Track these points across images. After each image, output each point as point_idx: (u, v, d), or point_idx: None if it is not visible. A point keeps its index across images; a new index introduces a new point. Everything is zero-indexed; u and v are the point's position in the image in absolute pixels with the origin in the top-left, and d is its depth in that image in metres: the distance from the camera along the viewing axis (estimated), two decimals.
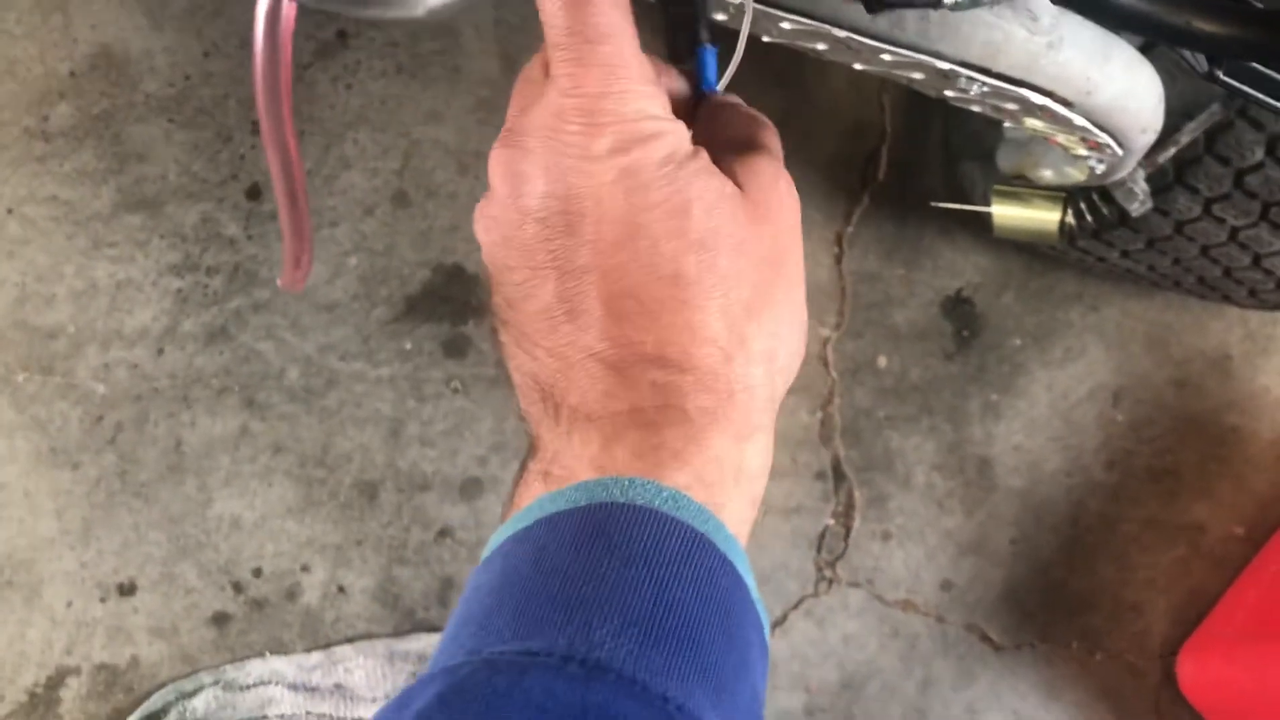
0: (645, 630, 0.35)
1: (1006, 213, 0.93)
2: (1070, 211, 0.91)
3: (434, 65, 1.22)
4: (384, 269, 1.20)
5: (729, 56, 0.48)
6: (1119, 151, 0.67)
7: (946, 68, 0.53)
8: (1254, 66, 0.51)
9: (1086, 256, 1.02)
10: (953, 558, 1.20)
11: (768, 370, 0.43)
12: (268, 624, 1.17)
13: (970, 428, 1.21)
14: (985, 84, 0.55)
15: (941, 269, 1.22)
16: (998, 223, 0.93)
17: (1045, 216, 0.92)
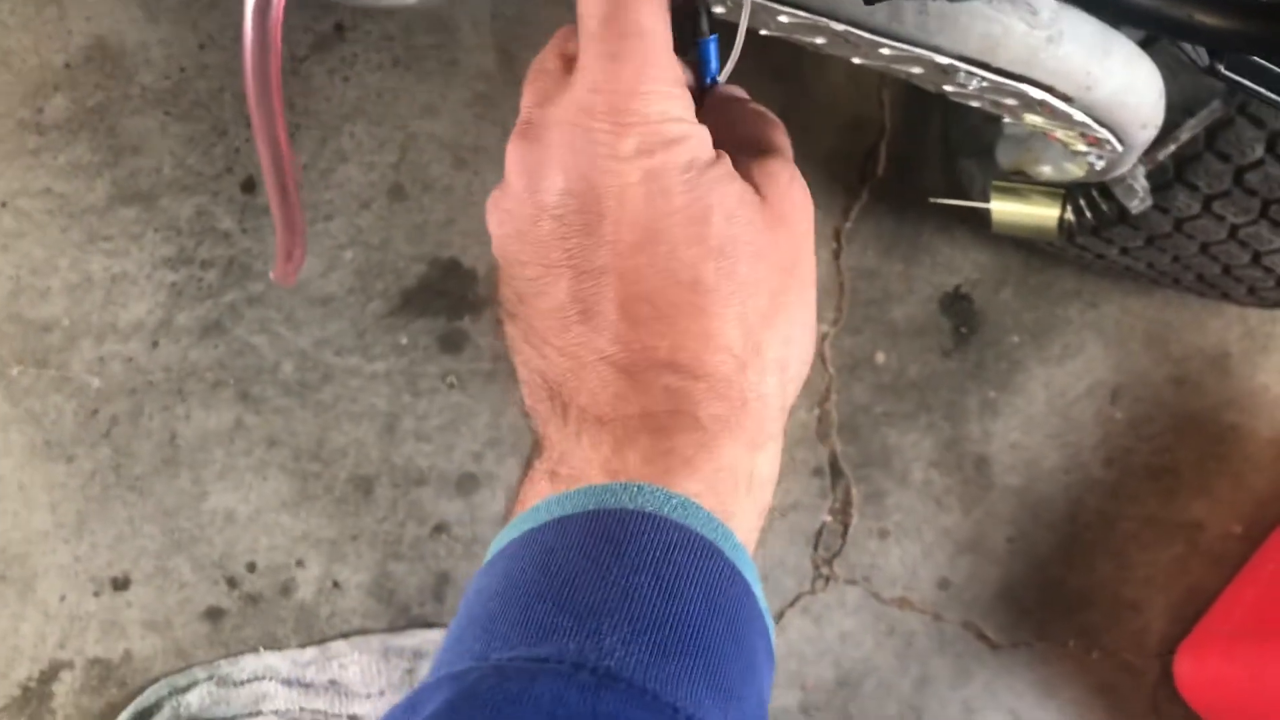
0: (654, 639, 0.35)
1: (1005, 209, 0.92)
2: (1069, 208, 0.91)
3: (430, 59, 1.22)
4: (380, 263, 1.20)
5: (727, 50, 0.47)
6: (1119, 147, 0.67)
7: (945, 62, 0.53)
8: (1255, 60, 0.51)
9: (1085, 253, 1.02)
10: (950, 555, 1.19)
11: (780, 379, 0.43)
12: (262, 619, 1.17)
13: (968, 425, 1.20)
14: (984, 78, 0.55)
15: (940, 265, 1.21)
16: (996, 219, 0.93)
17: (1044, 213, 0.92)
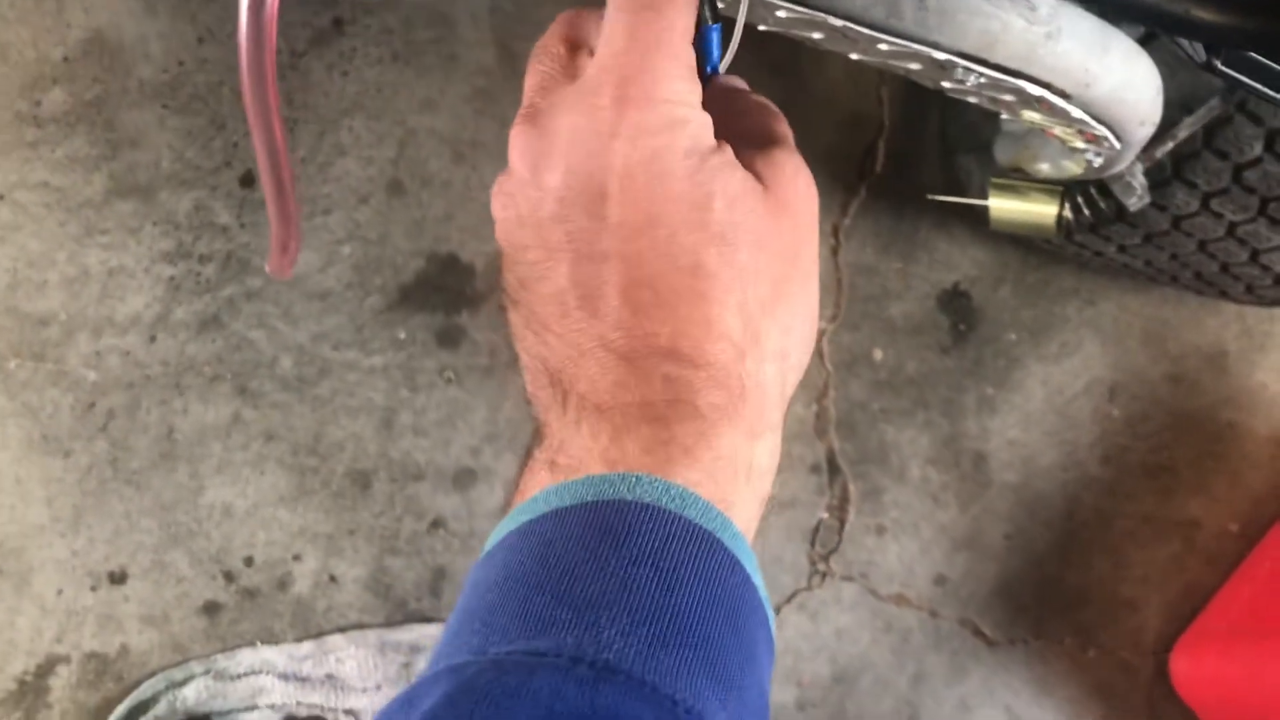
0: (654, 631, 0.35)
1: (1003, 206, 0.92)
2: (1067, 205, 0.91)
3: (430, 53, 1.22)
4: (378, 258, 1.20)
5: (726, 41, 0.47)
6: (1117, 145, 0.67)
7: (943, 58, 0.53)
8: (1252, 56, 0.51)
9: (1083, 251, 1.02)
10: (947, 552, 1.19)
11: (780, 368, 0.43)
12: (259, 613, 1.16)
13: (966, 422, 1.20)
14: (982, 74, 0.55)
15: (938, 262, 1.21)
16: (994, 216, 0.93)
17: (1042, 210, 0.92)
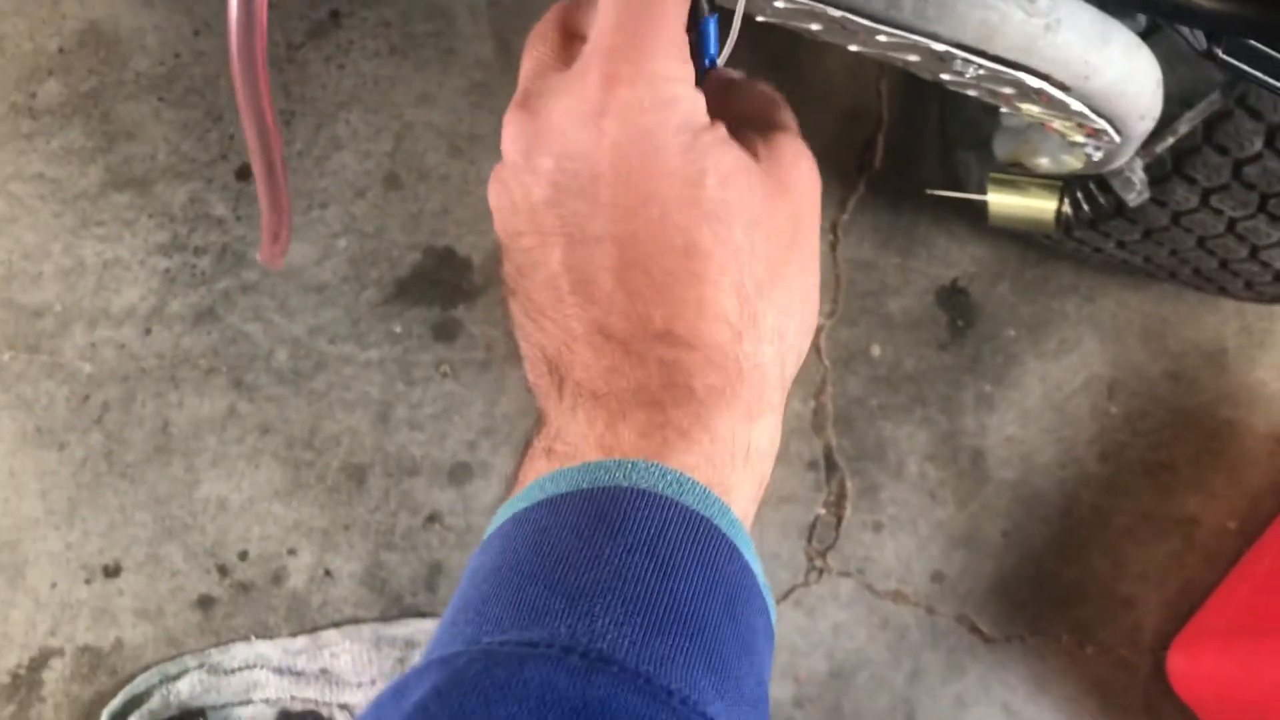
0: (648, 619, 0.34)
1: (1002, 201, 0.92)
2: (1067, 201, 0.91)
3: (427, 47, 1.21)
4: (374, 251, 1.19)
5: (723, 33, 0.47)
6: (1116, 139, 0.66)
7: (942, 49, 0.52)
8: (1253, 45, 0.50)
9: (1083, 247, 1.02)
10: (944, 549, 1.19)
11: (778, 349, 0.42)
12: (253, 607, 1.16)
13: (963, 418, 1.20)
14: (981, 66, 0.54)
15: (937, 258, 1.21)
16: (994, 211, 0.93)
17: (1041, 205, 0.91)
